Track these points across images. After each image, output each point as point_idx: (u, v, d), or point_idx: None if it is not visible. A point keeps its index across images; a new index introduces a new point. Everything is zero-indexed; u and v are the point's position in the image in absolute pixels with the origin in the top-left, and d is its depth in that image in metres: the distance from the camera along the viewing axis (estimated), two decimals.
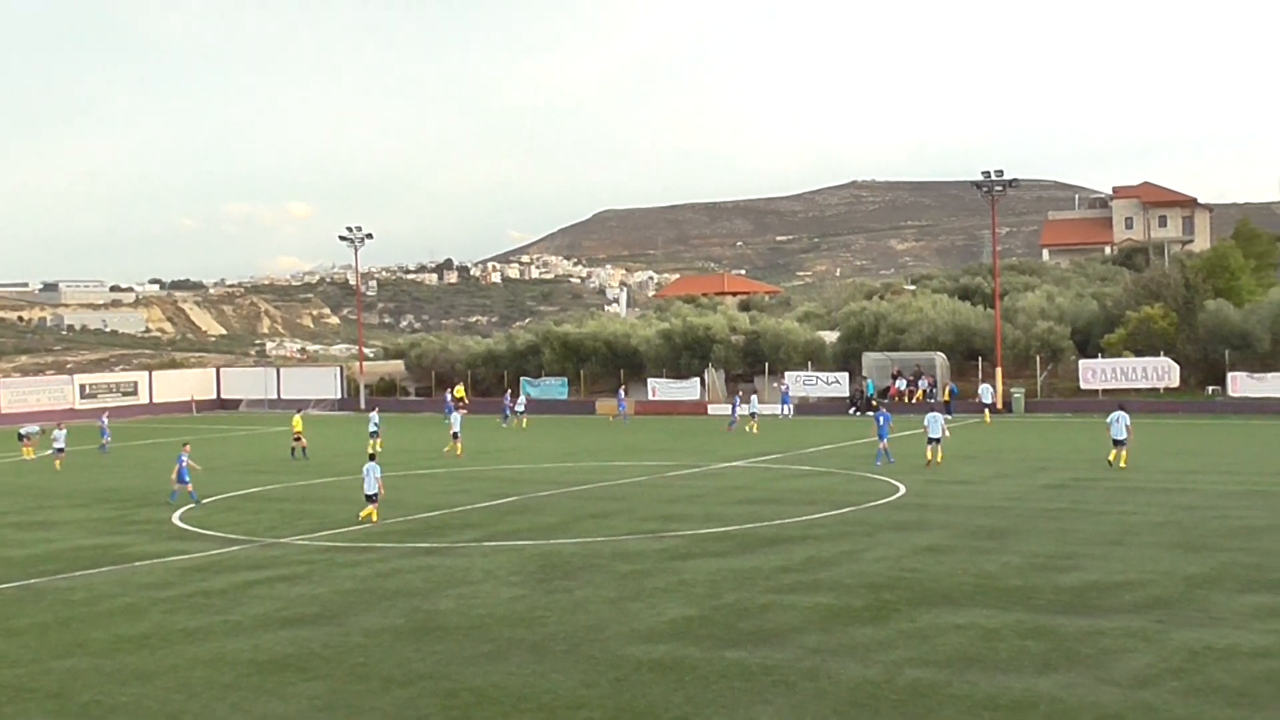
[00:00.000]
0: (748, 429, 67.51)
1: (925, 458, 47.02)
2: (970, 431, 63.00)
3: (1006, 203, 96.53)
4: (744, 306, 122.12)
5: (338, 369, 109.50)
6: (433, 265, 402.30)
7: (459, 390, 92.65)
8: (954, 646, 18.72)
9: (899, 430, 63.95)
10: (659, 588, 23.84)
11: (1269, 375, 74.11)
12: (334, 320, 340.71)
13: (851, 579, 24.19)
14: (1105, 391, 76.94)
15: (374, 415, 64.97)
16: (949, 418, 66.26)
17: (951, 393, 77.44)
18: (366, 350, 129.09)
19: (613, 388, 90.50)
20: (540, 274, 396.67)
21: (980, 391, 72.64)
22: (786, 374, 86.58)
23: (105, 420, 67.97)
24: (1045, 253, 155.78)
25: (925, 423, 48.19)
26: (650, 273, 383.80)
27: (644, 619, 21.16)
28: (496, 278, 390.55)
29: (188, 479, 40.19)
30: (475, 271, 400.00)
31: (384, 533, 32.53)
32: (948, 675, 17.20)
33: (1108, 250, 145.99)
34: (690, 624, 20.69)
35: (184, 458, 40.49)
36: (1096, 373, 78.06)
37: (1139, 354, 78.40)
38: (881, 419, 49.08)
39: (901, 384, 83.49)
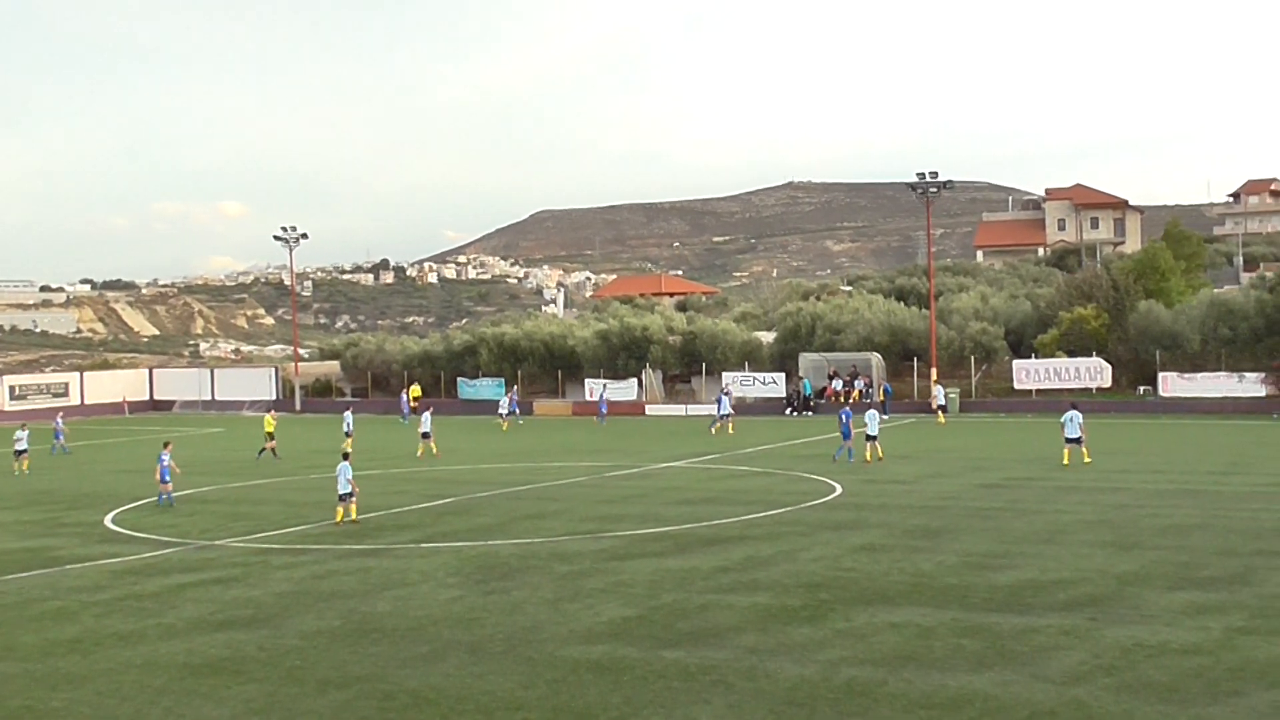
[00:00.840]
0: (729, 430, 66.48)
1: (864, 457, 47.44)
2: (907, 432, 63.40)
3: (941, 204, 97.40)
4: (681, 307, 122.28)
5: (273, 370, 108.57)
6: (368, 265, 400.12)
7: (415, 390, 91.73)
8: (890, 645, 18.85)
9: (823, 432, 64.28)
10: (597, 588, 23.84)
11: (1198, 375, 75.07)
12: (269, 321, 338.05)
13: (789, 579, 24.29)
14: (1039, 392, 77.70)
15: (347, 415, 65.04)
16: (885, 418, 66.85)
17: (886, 393, 77.95)
18: (302, 351, 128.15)
19: (551, 388, 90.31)
20: (477, 274, 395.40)
21: (935, 392, 72.50)
22: (724, 375, 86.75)
23: (60, 422, 66.84)
24: (979, 254, 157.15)
25: (865, 419, 48.67)
26: (587, 273, 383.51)
27: (582, 620, 21.15)
28: (433, 278, 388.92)
29: (169, 479, 39.37)
30: (411, 272, 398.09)
31: (320, 534, 32.31)
32: (884, 674, 17.31)
33: (1041, 251, 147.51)
34: (628, 624, 20.70)
35: (165, 457, 39.43)
36: (1030, 373, 78.77)
37: (1072, 354, 79.20)
38: (845, 416, 49.80)
39: (838, 384, 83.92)
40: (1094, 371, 77.58)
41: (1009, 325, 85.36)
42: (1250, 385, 73.54)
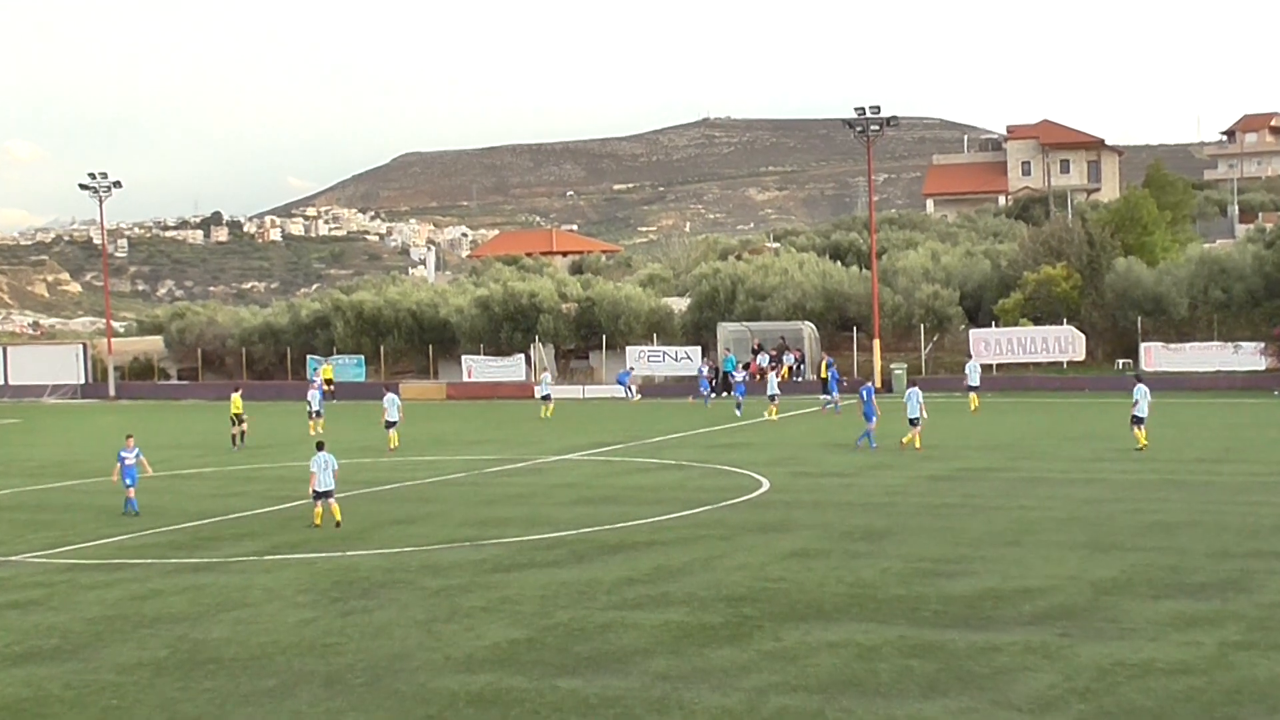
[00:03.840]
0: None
1: (903, 440, 48.36)
2: (846, 416, 63.84)
3: (884, 144, 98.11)
4: (576, 269, 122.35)
5: (80, 347, 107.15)
6: (197, 220, 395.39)
7: (327, 371, 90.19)
8: (827, 668, 18.99)
9: (746, 415, 64.59)
10: (478, 606, 23.79)
11: (1186, 346, 76.18)
12: (74, 288, 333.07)
13: (706, 591, 24.39)
14: (1001, 367, 78.60)
15: (312, 394, 65.00)
16: (833, 396, 66.66)
17: (829, 368, 76.85)
18: (116, 324, 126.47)
19: (421, 367, 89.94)
20: (329, 230, 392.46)
21: (967, 370, 68.63)
22: (628, 349, 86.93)
23: None
24: (929, 203, 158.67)
25: (906, 400, 49.31)
26: (463, 228, 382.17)
27: (460, 644, 21.10)
28: (276, 235, 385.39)
29: (133, 480, 37.73)
30: (250, 228, 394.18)
31: (140, 547, 31.95)
32: (820, 702, 17.44)
33: (1001, 200, 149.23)
34: (516, 648, 20.70)
35: (129, 453, 37.87)
36: (990, 344, 79.63)
37: (1038, 322, 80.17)
38: (866, 393, 50.12)
39: (764, 359, 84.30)
40: (1064, 342, 78.59)
41: (965, 288, 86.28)
42: (1246, 357, 74.84)
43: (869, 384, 52.51)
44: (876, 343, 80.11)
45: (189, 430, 64.48)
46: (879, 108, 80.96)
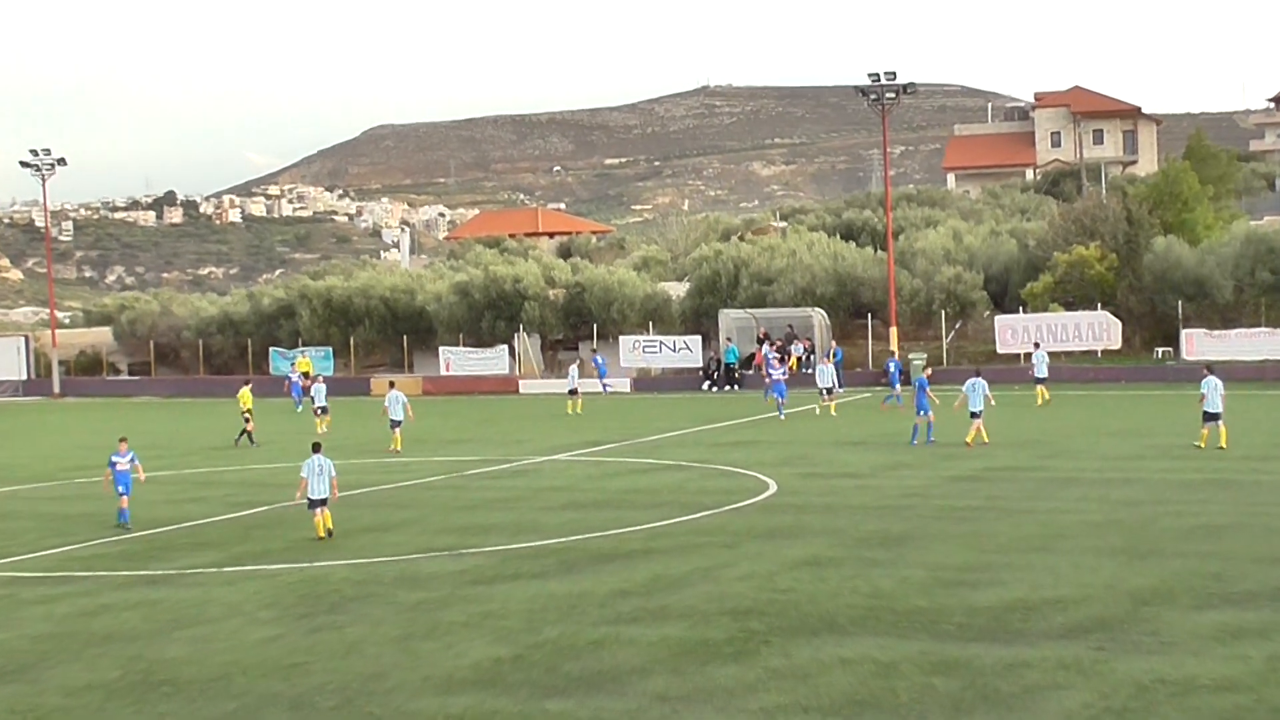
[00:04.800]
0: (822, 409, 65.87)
1: (967, 439, 47.97)
2: (860, 410, 63.82)
3: (901, 114, 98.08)
4: (564, 252, 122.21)
5: (22, 340, 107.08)
6: (148, 200, 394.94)
7: (304, 363, 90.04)
8: (841, 687, 19.00)
9: (752, 411, 64.59)
10: (459, 622, 23.80)
11: (1231, 332, 76.08)
12: (15, 275, 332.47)
13: (709, 604, 24.39)
14: (1029, 357, 78.36)
15: (317, 389, 65.24)
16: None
17: (836, 359, 76.89)
18: (61, 315, 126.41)
19: (395, 359, 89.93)
20: (294, 210, 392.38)
21: (1035, 360, 67.75)
22: (621, 339, 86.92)
23: None
24: (950, 178, 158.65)
25: (966, 390, 48.98)
26: (440, 208, 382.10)
27: (440, 663, 21.11)
28: (235, 216, 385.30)
29: (127, 488, 36.94)
30: (207, 208, 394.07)
31: (89, 558, 31.94)
32: None
33: (1029, 175, 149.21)
34: (501, 668, 20.70)
35: (121, 458, 37.09)
36: (1017, 332, 79.61)
37: (1070, 307, 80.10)
38: (919, 385, 50.13)
39: (769, 351, 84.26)
40: (1099, 329, 78.56)
41: (989, 271, 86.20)
42: None
43: (923, 375, 52.34)
44: (894, 330, 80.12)
45: (142, 430, 64.45)
46: (895, 74, 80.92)
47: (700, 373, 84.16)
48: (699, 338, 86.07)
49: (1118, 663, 19.61)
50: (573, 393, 70.76)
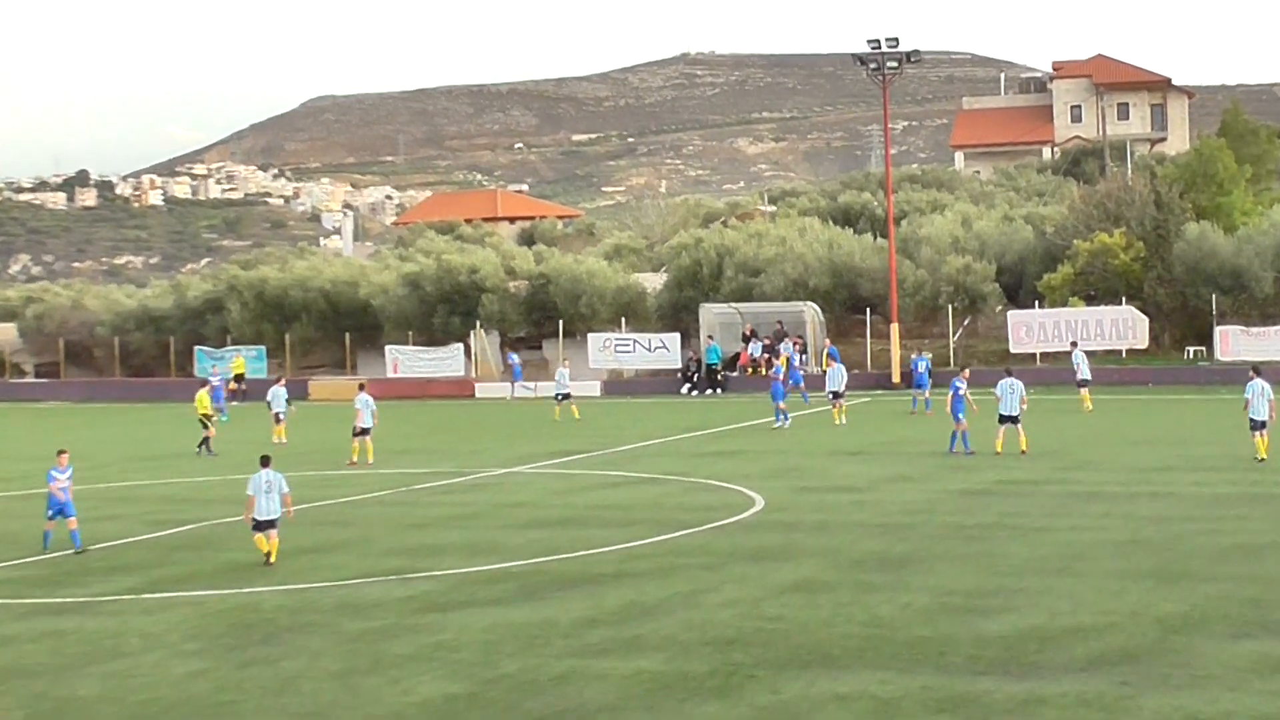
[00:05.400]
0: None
1: (997, 446, 48.03)
2: (859, 416, 63.91)
3: (904, 85, 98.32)
4: (527, 239, 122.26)
5: None
6: (58, 180, 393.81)
7: (238, 364, 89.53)
8: None
9: (739, 418, 64.61)
10: (407, 654, 23.78)
11: (1271, 330, 76.11)
12: None
13: (688, 633, 24.40)
14: (1046, 356, 78.58)
15: (276, 390, 64.15)
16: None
17: (831, 359, 76.33)
18: None
19: (336, 359, 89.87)
20: (223, 192, 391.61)
21: (1075, 361, 66.47)
22: (590, 336, 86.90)
23: None
24: (959, 157, 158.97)
25: (999, 391, 49.12)
26: (387, 190, 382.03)
27: (386, 700, 21.09)
28: (156, 198, 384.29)
29: (67, 507, 36.27)
30: (123, 189, 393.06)
31: None
32: None
33: (1047, 153, 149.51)
34: (455, 705, 20.68)
35: (61, 473, 36.44)
36: (1033, 329, 79.72)
37: (1092, 301, 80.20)
38: (955, 388, 50.63)
39: (757, 349, 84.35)
40: (1124, 326, 78.67)
41: (1002, 261, 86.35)
42: None
43: (958, 377, 52.15)
44: (895, 327, 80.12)
45: (50, 439, 64.19)
46: (897, 40, 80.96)
47: (679, 374, 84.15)
48: (677, 335, 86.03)
49: (1145, 699, 19.65)
50: (564, 397, 69.85)
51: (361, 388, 58.50)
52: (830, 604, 26.30)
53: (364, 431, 53.90)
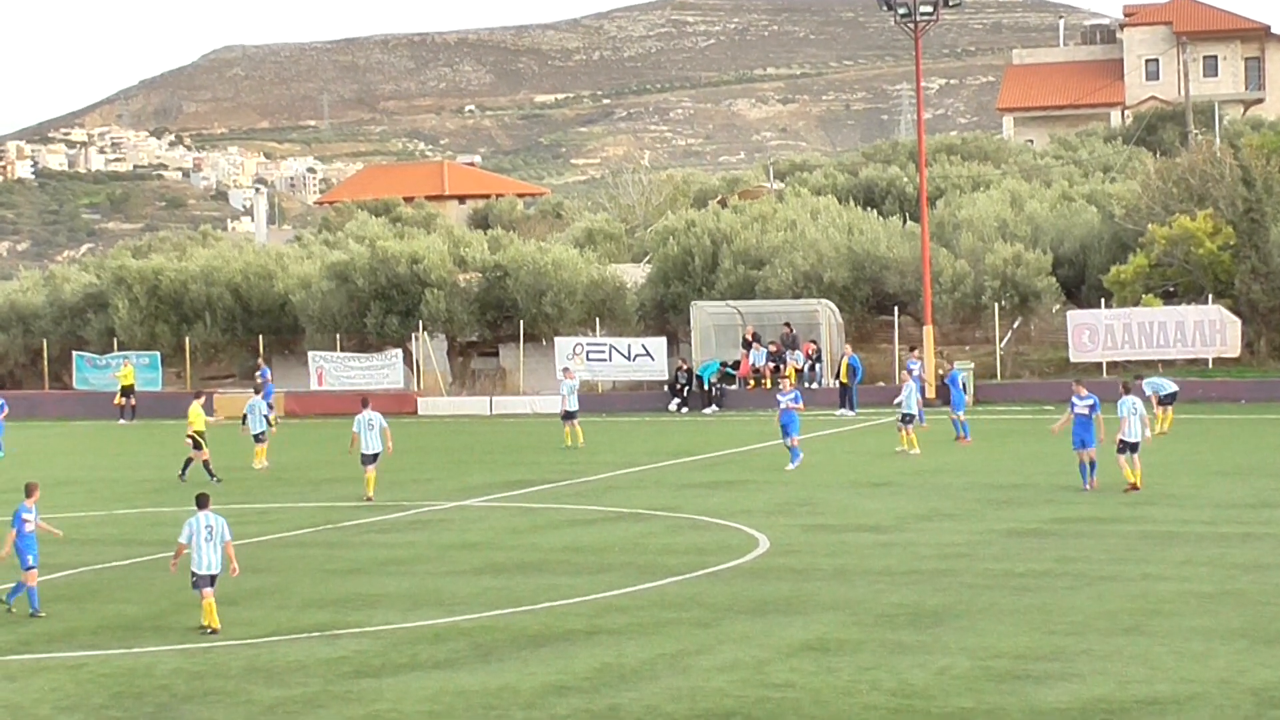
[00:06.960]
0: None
1: (1133, 477, 46.48)
2: (881, 438, 63.98)
3: (940, 34, 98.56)
4: (480, 222, 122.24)
5: None
6: None
7: (126, 374, 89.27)
8: None
9: (738, 441, 64.66)
10: None
11: None
12: None
13: (676, 704, 24.42)
14: (1114, 366, 78.54)
15: (255, 403, 63.18)
16: (851, 413, 66.88)
17: (852, 369, 76.31)
18: None
19: (246, 368, 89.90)
20: (107, 163, 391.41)
21: (1155, 386, 62.63)
22: (558, 341, 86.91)
23: None
24: (1008, 123, 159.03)
25: (1120, 413, 46.88)
26: (310, 161, 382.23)
27: None
28: (24, 170, 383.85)
29: (35, 558, 34.95)
30: None
31: None
32: None
33: (1115, 118, 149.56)
34: None
35: (29, 513, 35.35)
36: (1097, 333, 79.64)
37: (1171, 300, 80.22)
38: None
39: (760, 356, 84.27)
40: (1210, 330, 78.60)
41: (1060, 250, 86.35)
42: None
43: (1083, 391, 49.75)
44: (929, 330, 80.00)
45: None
46: None
47: (665, 387, 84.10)
48: (663, 340, 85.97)
49: None
50: (569, 416, 67.97)
51: (365, 404, 55.75)
52: (850, 668, 26.34)
53: (372, 459, 51.80)
